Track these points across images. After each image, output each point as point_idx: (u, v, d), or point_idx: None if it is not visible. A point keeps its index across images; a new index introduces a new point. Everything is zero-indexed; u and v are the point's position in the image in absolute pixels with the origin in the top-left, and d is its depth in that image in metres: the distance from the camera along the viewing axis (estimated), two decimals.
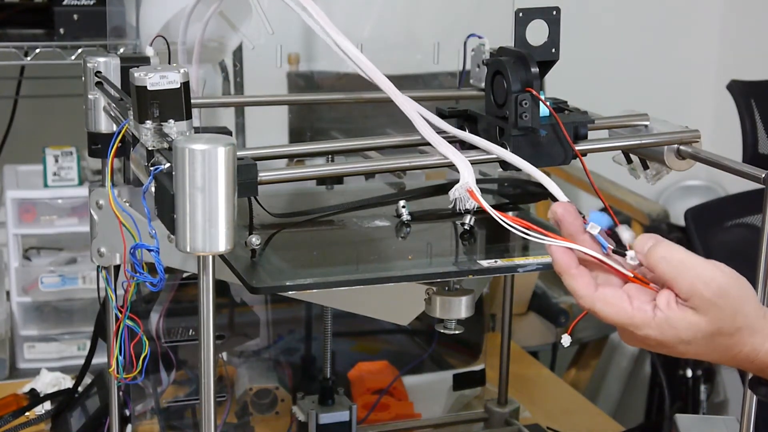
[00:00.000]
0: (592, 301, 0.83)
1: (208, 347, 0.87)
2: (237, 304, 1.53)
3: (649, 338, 0.82)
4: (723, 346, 0.83)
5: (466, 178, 0.94)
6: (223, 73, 1.76)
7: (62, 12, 1.77)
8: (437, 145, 1.01)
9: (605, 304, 0.83)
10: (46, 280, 1.75)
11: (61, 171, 1.76)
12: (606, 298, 0.83)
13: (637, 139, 1.12)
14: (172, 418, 1.49)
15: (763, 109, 2.19)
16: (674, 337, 0.82)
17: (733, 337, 0.83)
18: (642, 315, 0.82)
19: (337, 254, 1.14)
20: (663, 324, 0.81)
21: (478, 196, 0.92)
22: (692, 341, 0.82)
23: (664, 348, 0.84)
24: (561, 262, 0.84)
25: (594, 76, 2.62)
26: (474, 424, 1.54)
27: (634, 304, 0.82)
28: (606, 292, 0.83)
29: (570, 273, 0.84)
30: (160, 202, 0.89)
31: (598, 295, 0.83)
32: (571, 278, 0.84)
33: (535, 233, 0.86)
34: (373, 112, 1.68)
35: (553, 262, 0.85)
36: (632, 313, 0.82)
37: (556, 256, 0.84)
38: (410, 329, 1.71)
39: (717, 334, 0.82)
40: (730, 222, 2.20)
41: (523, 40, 1.04)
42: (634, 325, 0.82)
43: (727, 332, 0.82)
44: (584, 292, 0.83)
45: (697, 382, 2.36)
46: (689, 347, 0.83)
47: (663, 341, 0.83)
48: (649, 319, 0.82)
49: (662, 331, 0.82)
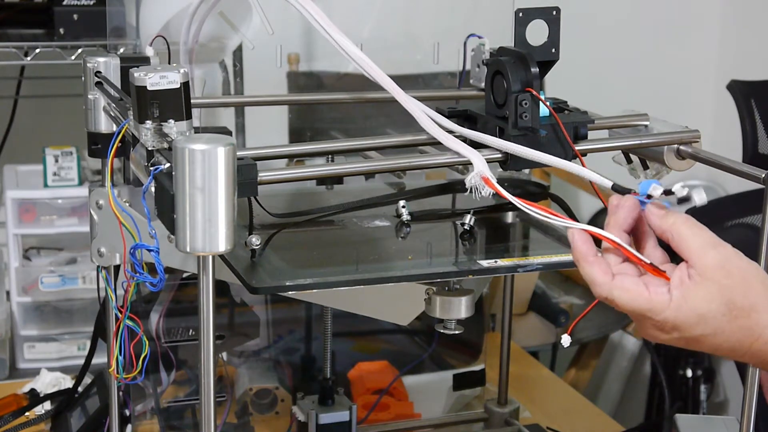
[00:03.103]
0: (610, 289, 0.83)
1: (208, 347, 0.87)
2: (237, 304, 1.53)
3: (668, 322, 0.82)
4: (741, 328, 0.82)
5: (479, 166, 0.94)
6: (223, 73, 1.76)
7: (62, 12, 1.77)
8: (445, 141, 1.01)
9: (623, 290, 0.83)
10: (46, 280, 1.75)
11: (61, 171, 1.76)
12: (624, 285, 0.83)
13: (637, 139, 1.12)
14: (172, 418, 1.49)
15: (763, 109, 2.19)
16: (692, 313, 0.82)
17: (750, 316, 0.82)
18: (659, 298, 0.82)
19: (337, 254, 1.14)
20: (679, 301, 0.81)
21: (494, 182, 0.92)
22: (709, 316, 0.82)
23: (682, 332, 0.83)
24: (581, 249, 0.84)
25: (594, 76, 2.62)
26: (474, 424, 1.54)
27: (651, 290, 0.83)
28: (624, 280, 0.83)
29: (588, 260, 0.84)
30: (160, 202, 0.89)
31: (615, 283, 0.83)
32: (589, 265, 0.84)
33: (556, 218, 0.86)
34: (373, 112, 1.68)
35: (573, 249, 0.85)
36: (650, 297, 0.82)
37: (576, 243, 0.85)
38: (410, 329, 1.71)
39: (732, 307, 0.81)
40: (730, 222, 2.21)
41: (523, 40, 1.04)
42: (653, 310, 0.82)
43: (743, 305, 0.82)
44: (602, 279, 0.83)
45: (697, 382, 2.36)
46: (707, 327, 0.82)
47: (681, 324, 0.82)
48: (667, 301, 0.82)
49: (680, 309, 0.82)
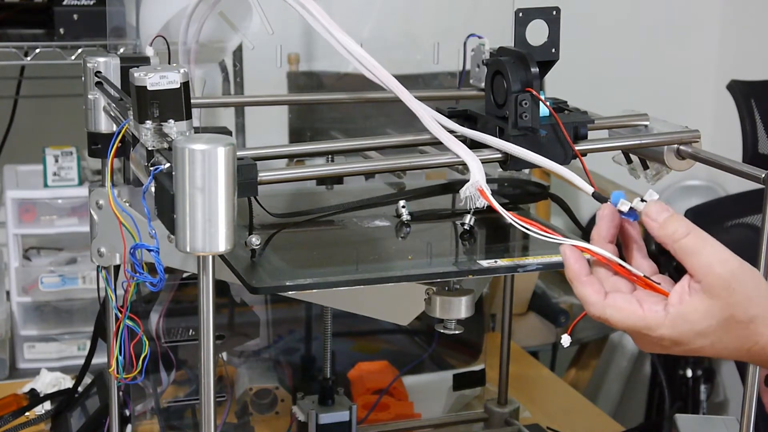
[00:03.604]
0: (603, 308, 0.83)
1: (208, 347, 0.87)
2: (237, 304, 1.53)
3: (664, 338, 0.82)
4: (739, 337, 0.82)
5: (476, 176, 0.94)
6: (223, 73, 1.76)
7: (62, 12, 1.77)
8: (447, 142, 1.00)
9: (616, 309, 0.82)
10: (46, 280, 1.75)
11: (61, 171, 1.76)
12: (616, 304, 0.83)
13: (637, 139, 1.12)
14: (172, 418, 1.49)
15: (763, 109, 2.19)
16: (689, 331, 0.81)
17: (749, 327, 0.82)
18: (654, 315, 0.81)
19: (337, 254, 1.14)
20: (677, 320, 0.81)
21: (488, 195, 0.92)
22: (708, 332, 0.81)
23: (680, 347, 0.83)
24: (574, 269, 0.84)
25: (594, 76, 2.62)
26: (474, 424, 1.54)
27: (645, 307, 0.82)
28: (616, 298, 0.83)
29: (581, 280, 0.84)
30: (160, 202, 0.89)
31: (608, 302, 0.83)
32: (582, 285, 0.84)
33: (548, 234, 0.86)
34: (373, 112, 1.68)
35: (566, 268, 0.85)
36: (644, 315, 0.82)
37: (569, 262, 0.84)
38: (410, 329, 1.71)
39: (732, 321, 0.81)
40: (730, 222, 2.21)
41: (523, 40, 1.04)
42: (648, 327, 0.82)
43: (742, 320, 0.81)
44: (594, 299, 0.83)
45: (697, 382, 2.36)
46: (705, 340, 0.82)
47: (678, 339, 0.82)
48: (662, 318, 0.81)
49: (676, 328, 0.81)
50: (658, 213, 0.83)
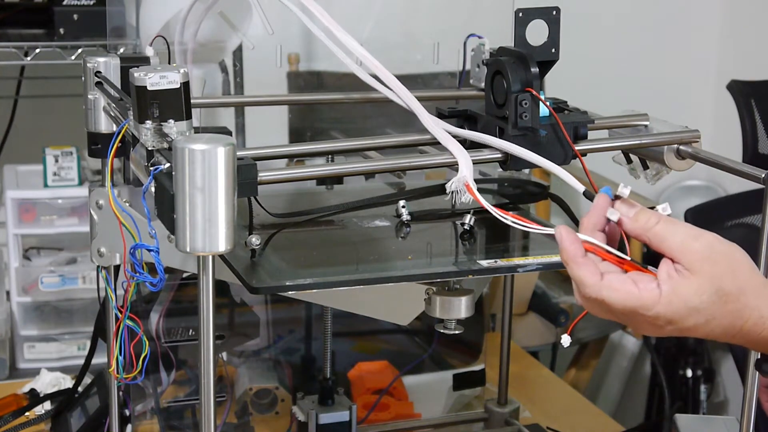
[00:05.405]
0: (599, 289, 0.83)
1: (208, 347, 0.87)
2: (237, 304, 1.54)
3: (660, 317, 0.82)
4: (731, 312, 0.83)
5: (464, 172, 0.95)
6: (223, 73, 1.76)
7: (62, 12, 1.77)
8: (442, 139, 1.01)
9: (612, 290, 0.83)
10: (46, 280, 1.75)
11: (61, 171, 1.76)
12: (612, 284, 0.83)
13: (637, 139, 1.12)
14: (172, 418, 1.49)
15: (763, 109, 2.19)
16: (683, 307, 0.82)
17: (739, 299, 0.83)
18: (649, 294, 0.82)
19: (337, 254, 1.14)
20: (670, 295, 0.82)
21: (474, 190, 0.93)
22: (701, 307, 0.82)
23: (675, 325, 0.83)
24: (569, 250, 0.84)
25: (594, 76, 2.62)
26: (474, 424, 1.54)
27: (640, 286, 0.83)
28: (612, 279, 0.83)
29: (577, 262, 0.84)
30: (160, 202, 0.89)
31: (604, 283, 0.83)
32: (578, 267, 0.84)
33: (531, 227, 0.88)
34: (373, 112, 1.68)
35: (561, 250, 0.85)
36: (639, 294, 0.82)
37: (565, 244, 0.85)
38: (410, 329, 1.71)
39: (722, 294, 0.82)
40: (730, 222, 2.21)
41: (523, 40, 1.04)
42: (644, 307, 0.82)
43: (731, 290, 0.82)
44: (591, 280, 0.83)
45: (697, 382, 2.36)
46: (699, 317, 0.83)
47: (672, 317, 0.82)
48: (657, 295, 0.82)
49: (671, 304, 0.82)
50: (628, 209, 0.85)
